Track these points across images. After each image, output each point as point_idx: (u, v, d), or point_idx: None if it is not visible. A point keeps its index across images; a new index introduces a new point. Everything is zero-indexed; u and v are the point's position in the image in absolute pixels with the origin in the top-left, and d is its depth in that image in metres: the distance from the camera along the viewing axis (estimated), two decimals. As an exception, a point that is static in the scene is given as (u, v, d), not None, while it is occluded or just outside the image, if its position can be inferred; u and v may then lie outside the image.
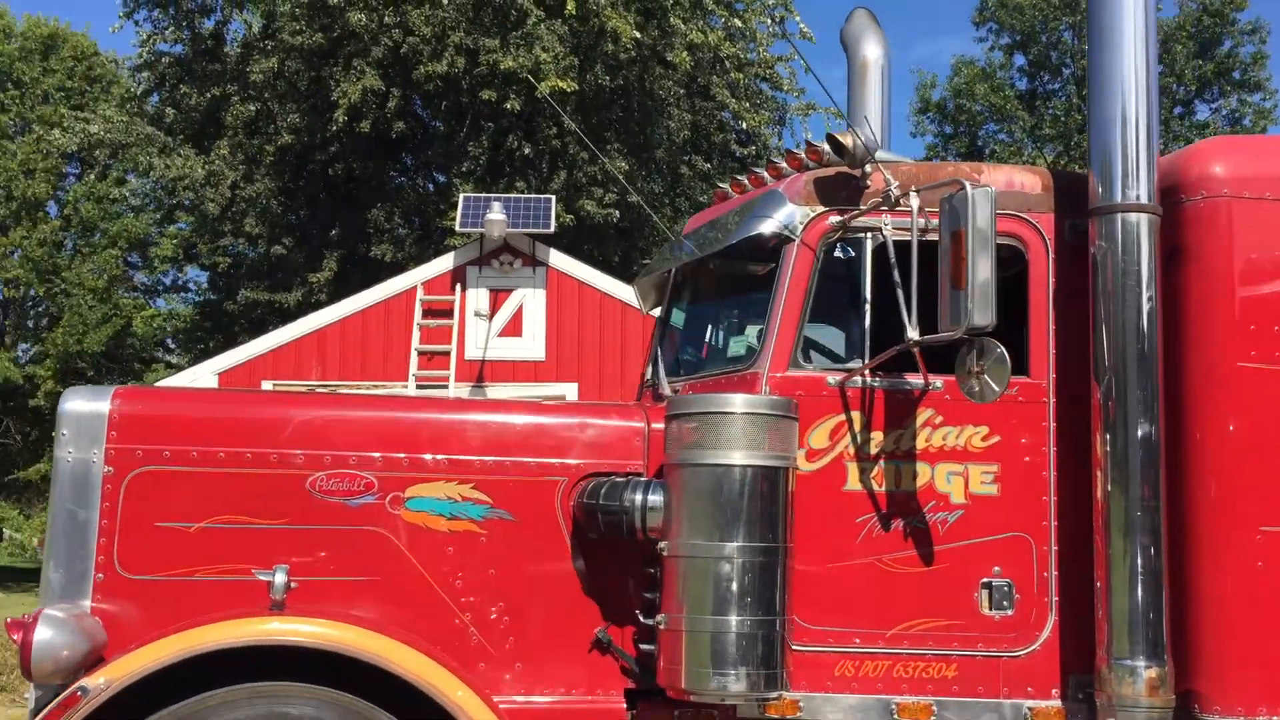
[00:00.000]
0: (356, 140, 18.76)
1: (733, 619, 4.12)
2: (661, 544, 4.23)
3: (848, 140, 4.59)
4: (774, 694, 4.21)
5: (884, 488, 4.60)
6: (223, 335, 22.76)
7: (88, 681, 3.77)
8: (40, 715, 3.77)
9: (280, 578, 4.07)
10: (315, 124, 19.32)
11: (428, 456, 4.47)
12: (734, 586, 4.13)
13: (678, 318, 5.44)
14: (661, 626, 4.21)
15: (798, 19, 20.27)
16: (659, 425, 4.48)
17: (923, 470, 4.62)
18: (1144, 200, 4.46)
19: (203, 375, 14.50)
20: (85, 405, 4.40)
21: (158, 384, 19.45)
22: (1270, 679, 4.39)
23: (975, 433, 4.65)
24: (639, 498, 4.27)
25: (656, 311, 5.78)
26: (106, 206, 33.76)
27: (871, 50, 6.81)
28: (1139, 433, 4.35)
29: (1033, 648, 4.55)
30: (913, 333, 4.33)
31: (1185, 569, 4.44)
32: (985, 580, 4.57)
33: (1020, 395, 4.64)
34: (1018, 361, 4.68)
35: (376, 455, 4.44)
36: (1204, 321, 4.51)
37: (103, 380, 32.86)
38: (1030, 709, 4.53)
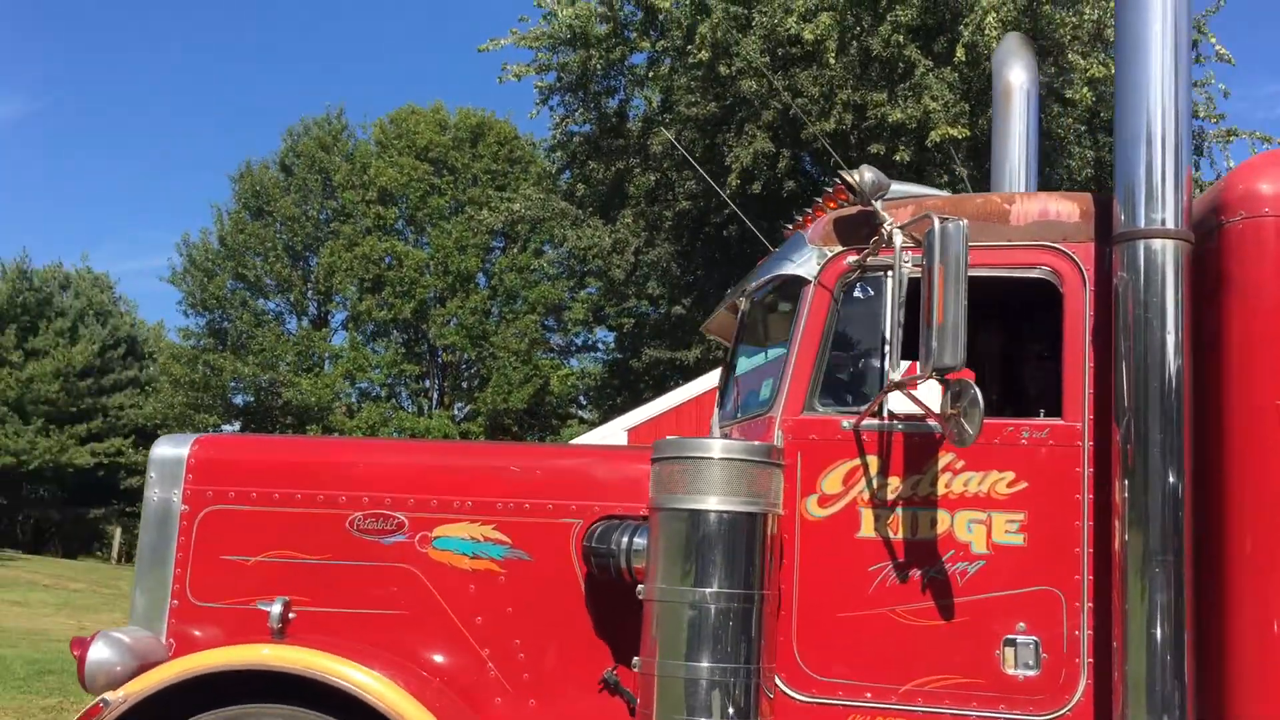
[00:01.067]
0: (749, 201, 19.56)
1: (704, 665, 4.17)
2: (640, 587, 4.36)
3: (853, 178, 4.55)
4: (752, 743, 4.22)
5: (900, 535, 4.48)
6: (629, 392, 24.58)
7: (109, 695, 4.38)
8: None
9: (277, 609, 4.54)
10: (710, 189, 20.39)
11: (454, 499, 4.83)
12: (706, 632, 4.19)
13: (740, 360, 5.51)
14: (637, 670, 4.33)
15: (1213, 41, 18.91)
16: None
17: (942, 518, 4.46)
18: (1170, 225, 4.13)
19: (613, 432, 15.48)
20: (170, 451, 5.08)
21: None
22: (1310, 756, 3.92)
23: (1000, 479, 4.44)
24: (625, 540, 4.42)
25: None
26: (526, 276, 38.23)
27: (1016, 75, 6.61)
28: (1160, 479, 4.03)
29: (1061, 711, 4.27)
30: (893, 374, 4.23)
31: (1217, 631, 4.05)
32: (1009, 637, 4.34)
33: (1051, 439, 4.40)
34: (1052, 402, 4.46)
35: (409, 497, 4.85)
36: (1244, 356, 4.12)
37: (525, 435, 36.64)
38: None
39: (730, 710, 4.16)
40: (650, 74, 21.42)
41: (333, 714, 4.35)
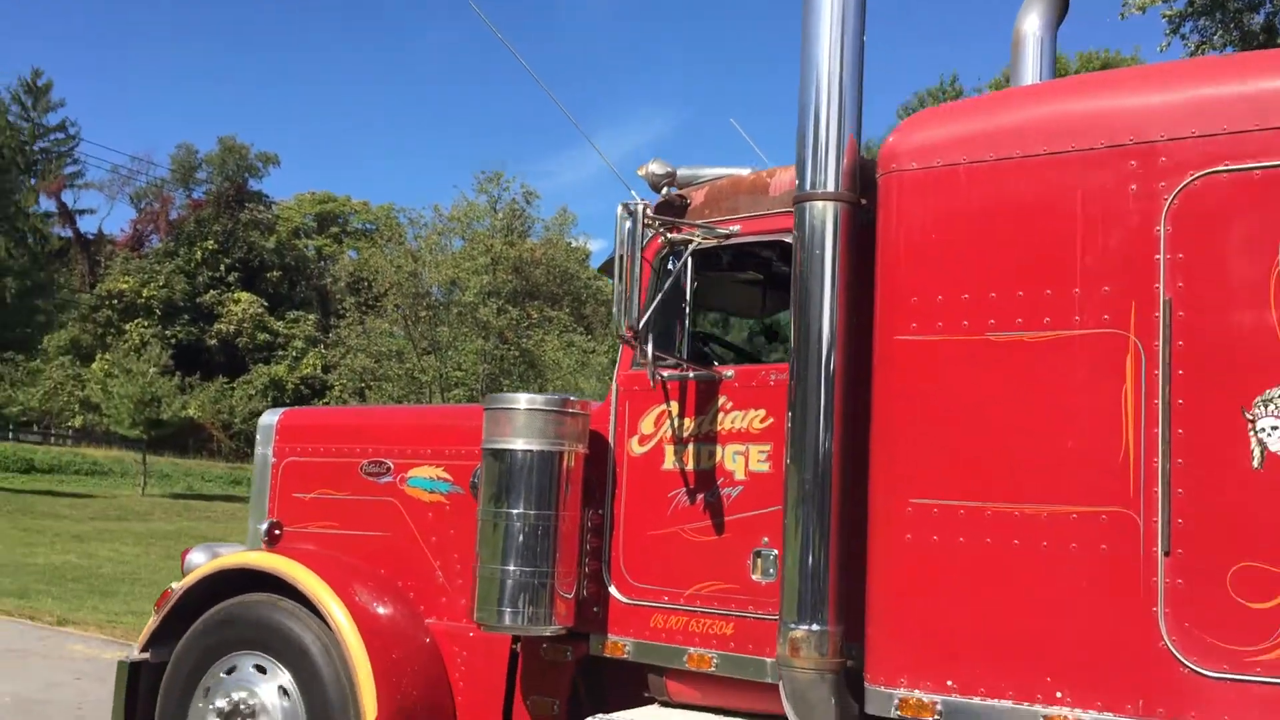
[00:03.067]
0: None
1: (511, 568, 5.53)
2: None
3: (642, 171, 5.63)
4: (545, 629, 5.52)
5: (689, 466, 5.52)
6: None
7: (175, 585, 6.57)
8: (156, 604, 6.66)
9: (261, 527, 6.50)
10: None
11: (422, 448, 6.50)
12: (511, 544, 5.54)
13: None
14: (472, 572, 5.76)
15: None
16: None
17: (717, 451, 5.45)
18: (830, 188, 4.85)
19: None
20: (267, 420, 7.23)
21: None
22: (912, 653, 4.53)
23: (755, 415, 5.35)
24: (477, 473, 5.87)
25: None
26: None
27: (1030, 24, 7.02)
28: (810, 411, 4.79)
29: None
30: (624, 331, 5.29)
31: (865, 542, 4.74)
32: (756, 549, 5.26)
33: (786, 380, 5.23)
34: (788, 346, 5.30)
35: (394, 448, 6.59)
36: (882, 297, 4.75)
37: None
38: None
39: (528, 603, 5.50)
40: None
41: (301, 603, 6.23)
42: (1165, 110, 4.34)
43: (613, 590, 5.70)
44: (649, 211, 5.45)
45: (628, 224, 5.10)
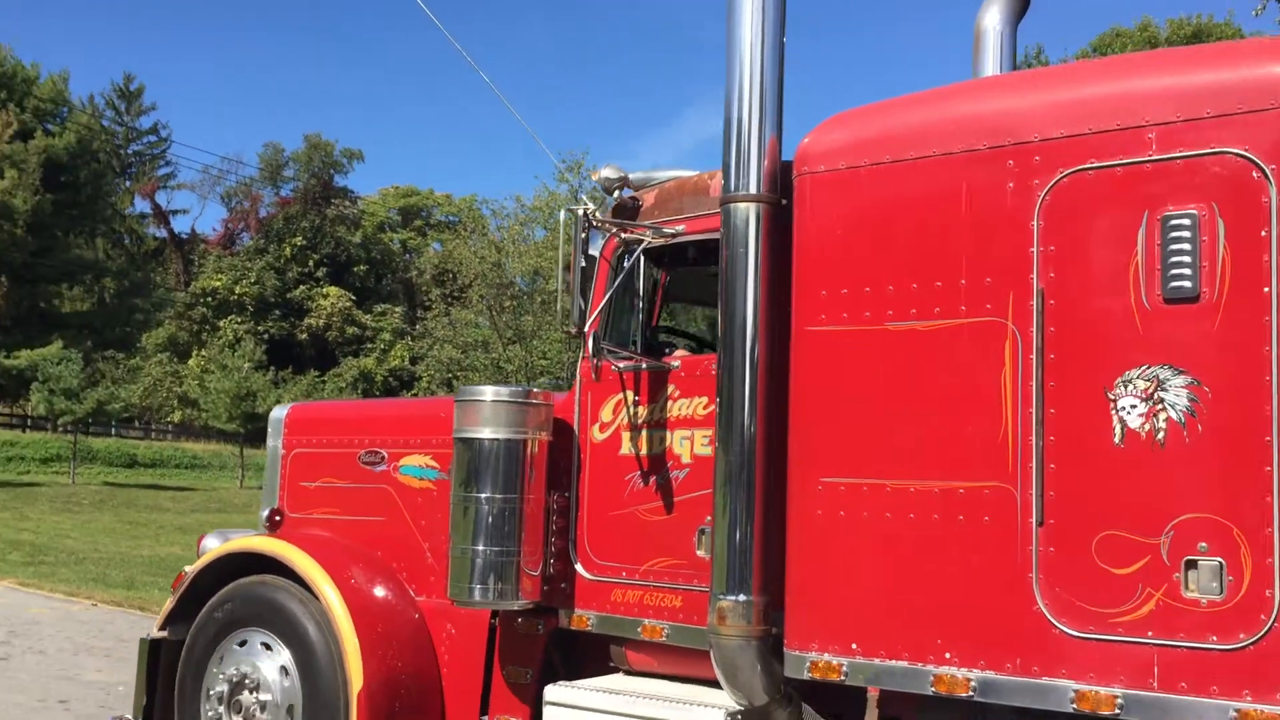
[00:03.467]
0: None
1: (479, 548, 6.00)
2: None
3: (596, 175, 6.05)
4: (513, 604, 5.99)
5: (643, 451, 5.94)
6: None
7: (189, 568, 7.15)
8: (172, 585, 7.25)
9: (264, 514, 7.06)
10: None
11: (412, 438, 7.00)
12: (480, 525, 6.00)
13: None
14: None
15: None
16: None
17: (667, 436, 5.87)
18: (752, 190, 5.24)
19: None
20: (277, 414, 7.78)
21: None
22: (823, 619, 4.92)
23: (700, 402, 5.76)
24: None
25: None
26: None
27: (990, 18, 7.29)
28: (735, 398, 5.20)
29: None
30: (571, 327, 5.73)
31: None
32: (700, 528, 5.67)
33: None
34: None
35: (388, 438, 7.10)
36: (796, 290, 5.13)
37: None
38: None
39: (496, 580, 5.97)
40: None
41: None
42: (1039, 112, 4.66)
43: (578, 568, 6.15)
44: (596, 215, 5.89)
45: (563, 230, 5.54)
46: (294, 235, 76.55)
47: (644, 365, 5.98)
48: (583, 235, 5.61)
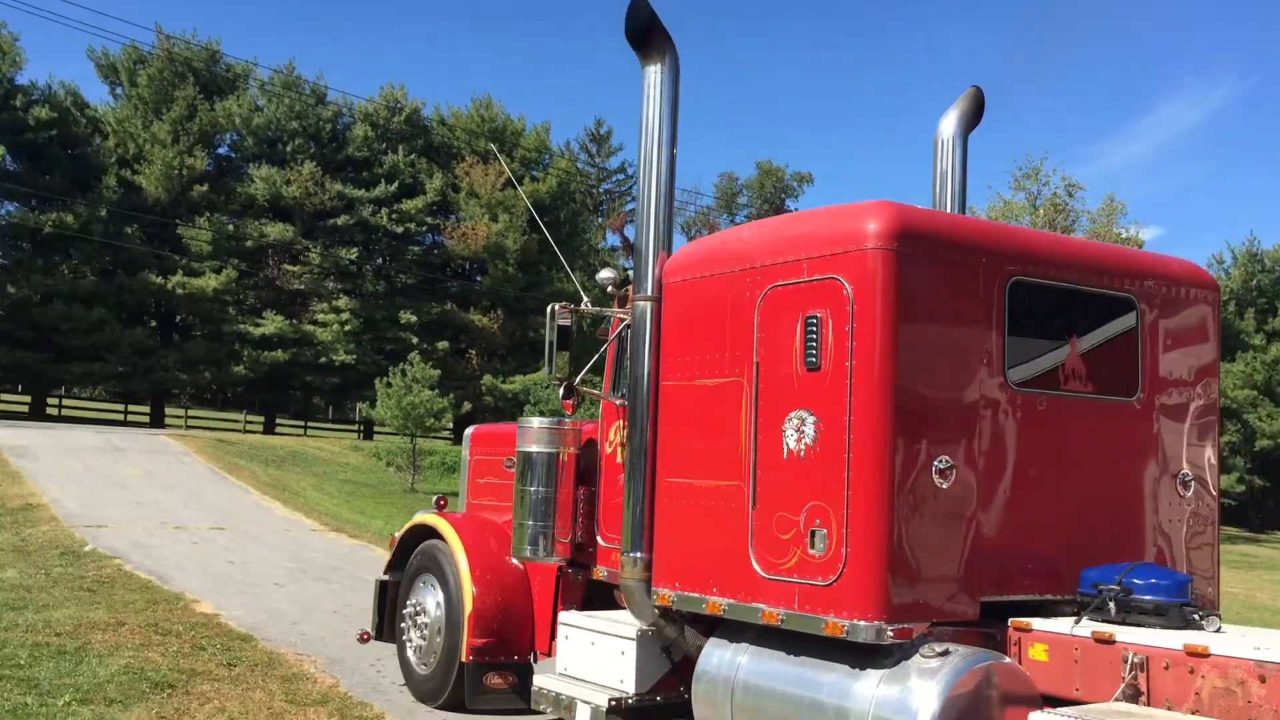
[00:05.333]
0: None
1: (528, 523, 9.42)
2: (518, 487, 9.71)
3: (599, 277, 9.33)
4: (550, 559, 9.36)
5: (619, 460, 9.10)
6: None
7: (396, 533, 11.07)
8: (389, 544, 11.19)
9: (434, 499, 10.83)
10: None
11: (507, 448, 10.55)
12: (527, 507, 9.42)
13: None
14: (519, 524, 9.69)
15: None
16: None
17: (620, 450, 9.01)
18: (648, 293, 8.35)
19: None
20: (466, 433, 11.62)
21: None
22: (664, 568, 7.95)
23: (620, 425, 8.91)
24: (522, 466, 9.82)
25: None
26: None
27: (947, 127, 9.90)
28: (635, 423, 8.35)
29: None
30: (552, 382, 9.02)
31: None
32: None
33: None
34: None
35: (510, 449, 10.68)
36: (660, 359, 8.18)
37: None
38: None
39: (541, 544, 9.37)
40: None
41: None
42: (759, 248, 7.52)
43: (599, 539, 9.45)
44: (558, 307, 9.11)
45: (550, 319, 8.90)
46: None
47: (619, 402, 9.17)
48: (553, 320, 8.94)
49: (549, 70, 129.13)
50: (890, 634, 6.57)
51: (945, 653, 6.50)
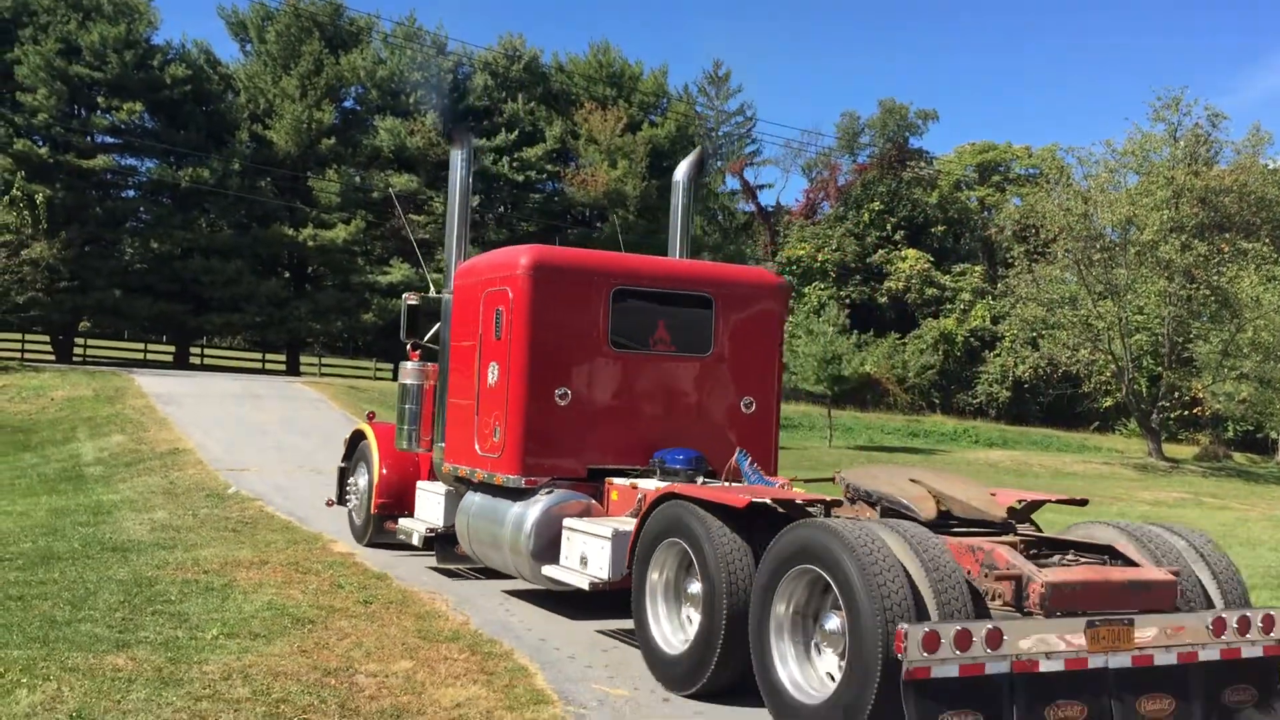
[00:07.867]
0: None
1: (405, 427, 16.10)
2: (404, 408, 16.35)
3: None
4: (417, 449, 16.03)
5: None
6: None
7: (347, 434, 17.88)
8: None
9: (366, 415, 17.56)
10: None
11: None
12: (406, 417, 16.07)
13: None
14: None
15: None
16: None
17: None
18: (450, 290, 14.89)
19: None
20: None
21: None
22: (450, 451, 14.49)
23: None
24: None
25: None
26: None
27: (680, 172, 16.26)
28: (442, 368, 14.88)
29: (441, 445, 14.97)
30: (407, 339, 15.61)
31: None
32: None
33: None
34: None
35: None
36: (451, 328, 14.69)
37: None
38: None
39: (411, 440, 16.06)
40: None
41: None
42: (485, 267, 13.96)
43: (440, 443, 16.06)
44: (414, 295, 15.70)
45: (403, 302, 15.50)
46: (872, 200, 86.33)
47: (434, 348, 15.64)
48: (405, 304, 15.53)
49: (666, 11, 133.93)
50: (523, 484, 12.98)
51: (550, 491, 12.92)
